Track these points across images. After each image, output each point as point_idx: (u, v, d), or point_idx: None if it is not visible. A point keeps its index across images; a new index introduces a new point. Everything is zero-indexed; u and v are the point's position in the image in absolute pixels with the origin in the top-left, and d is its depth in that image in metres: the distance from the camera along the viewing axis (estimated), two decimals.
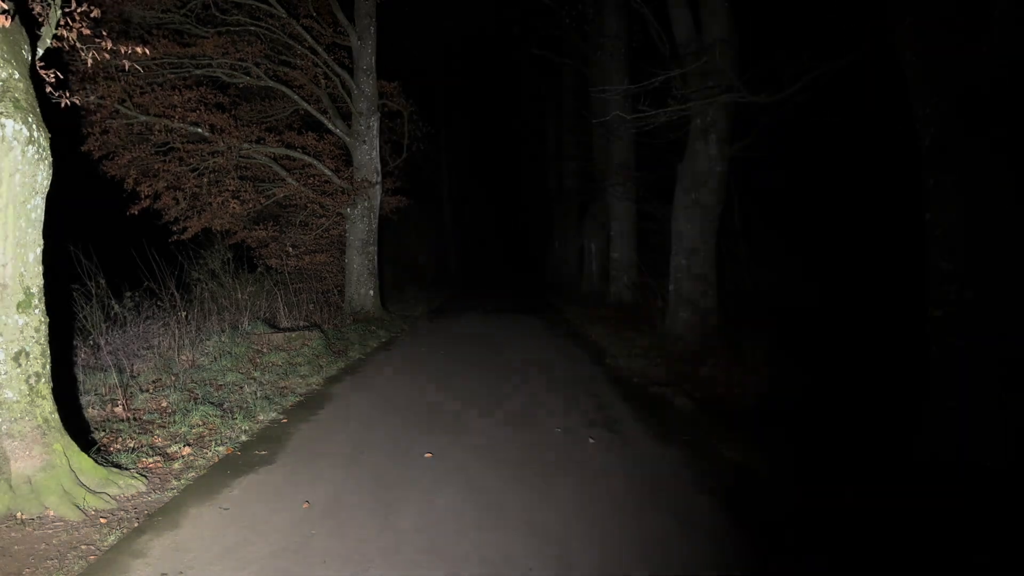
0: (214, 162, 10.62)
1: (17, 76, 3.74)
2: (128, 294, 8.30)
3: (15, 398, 3.71)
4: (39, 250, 3.90)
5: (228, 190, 10.82)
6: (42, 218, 3.91)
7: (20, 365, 3.74)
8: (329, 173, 11.62)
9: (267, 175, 11.67)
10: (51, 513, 3.63)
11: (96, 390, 5.93)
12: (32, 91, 3.87)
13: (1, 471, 3.67)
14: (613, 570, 3.01)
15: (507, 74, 22.86)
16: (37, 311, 3.85)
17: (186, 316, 8.33)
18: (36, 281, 3.87)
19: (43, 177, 3.87)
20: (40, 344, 3.86)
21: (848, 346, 6.13)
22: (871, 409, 4.90)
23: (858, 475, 3.84)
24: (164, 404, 5.81)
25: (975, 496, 3.34)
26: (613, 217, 13.48)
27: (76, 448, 3.99)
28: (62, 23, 4.25)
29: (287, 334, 8.37)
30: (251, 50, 10.43)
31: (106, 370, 6.23)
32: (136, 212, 10.24)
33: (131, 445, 4.79)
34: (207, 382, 6.60)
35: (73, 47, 4.39)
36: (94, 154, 9.94)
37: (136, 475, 4.17)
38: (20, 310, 3.75)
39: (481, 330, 11.25)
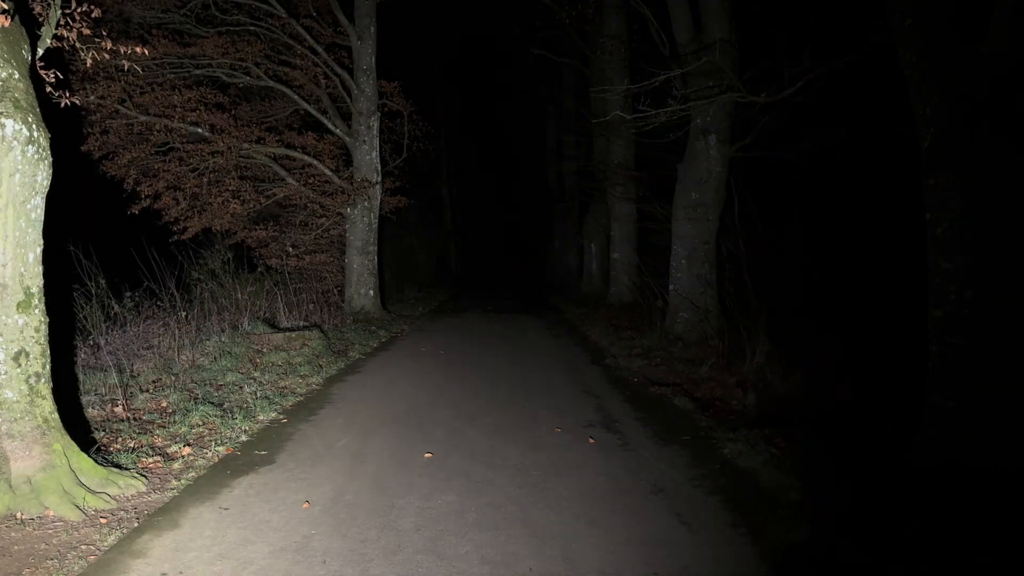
0: (214, 162, 10.63)
1: (17, 76, 3.74)
2: (128, 294, 8.31)
3: (15, 398, 3.71)
4: (39, 250, 3.90)
5: (228, 190, 10.83)
6: (42, 218, 3.91)
7: (20, 365, 3.74)
8: (329, 173, 11.62)
9: (267, 175, 11.68)
10: (51, 513, 3.63)
11: (96, 390, 5.93)
12: (32, 91, 3.87)
13: (1, 471, 3.67)
14: None
15: (507, 74, 22.87)
16: (37, 311, 3.86)
17: (186, 316, 8.33)
18: (36, 281, 3.87)
19: (43, 177, 3.87)
20: (40, 344, 3.86)
21: (850, 345, 6.14)
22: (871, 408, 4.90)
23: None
24: (164, 404, 5.81)
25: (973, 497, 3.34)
26: (613, 217, 13.49)
27: (76, 448, 3.99)
28: (62, 23, 4.25)
29: (287, 334, 8.37)
30: (251, 50, 10.43)
31: (106, 370, 6.23)
32: (136, 212, 10.26)
33: (131, 445, 4.79)
34: (207, 382, 6.60)
35: (73, 47, 4.39)
36: (94, 154, 9.95)
37: (136, 475, 4.17)
38: (20, 310, 3.75)
39: (481, 330, 11.24)
